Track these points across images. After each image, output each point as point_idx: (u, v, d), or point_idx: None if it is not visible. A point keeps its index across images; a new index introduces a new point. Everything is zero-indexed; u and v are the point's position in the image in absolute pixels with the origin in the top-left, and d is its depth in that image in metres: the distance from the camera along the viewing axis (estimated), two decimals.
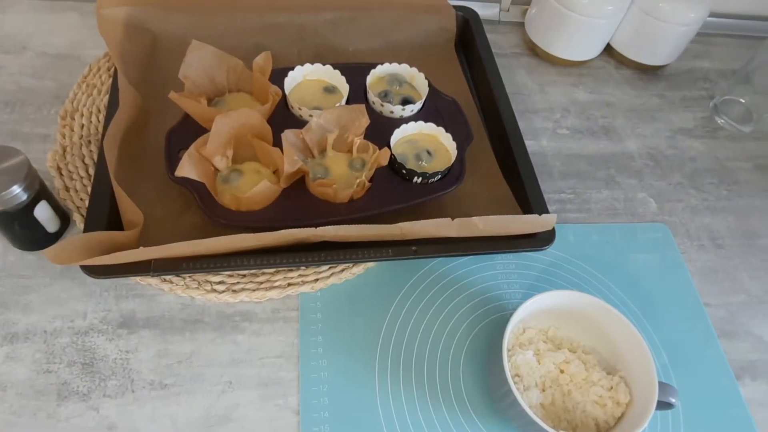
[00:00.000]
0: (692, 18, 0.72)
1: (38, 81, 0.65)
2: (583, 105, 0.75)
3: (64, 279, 0.51)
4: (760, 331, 0.57)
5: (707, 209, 0.66)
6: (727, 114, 0.76)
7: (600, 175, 0.67)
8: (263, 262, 0.50)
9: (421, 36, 0.72)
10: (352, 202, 0.54)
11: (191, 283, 0.51)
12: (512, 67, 0.77)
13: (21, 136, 0.60)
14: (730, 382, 0.53)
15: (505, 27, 0.82)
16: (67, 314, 0.49)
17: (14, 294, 0.50)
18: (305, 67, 0.61)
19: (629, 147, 0.71)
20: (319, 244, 0.50)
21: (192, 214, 0.53)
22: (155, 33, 0.65)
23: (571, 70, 0.78)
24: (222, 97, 0.60)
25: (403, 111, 0.61)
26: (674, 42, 0.75)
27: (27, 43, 0.68)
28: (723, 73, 0.82)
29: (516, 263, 0.57)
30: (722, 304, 0.58)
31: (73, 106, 0.62)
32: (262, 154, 0.55)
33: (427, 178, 0.55)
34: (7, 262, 0.51)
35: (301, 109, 0.58)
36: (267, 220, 0.51)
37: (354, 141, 0.55)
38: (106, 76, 0.65)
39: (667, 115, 0.76)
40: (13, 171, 0.46)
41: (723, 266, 0.61)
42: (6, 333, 0.48)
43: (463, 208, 0.57)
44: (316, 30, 0.69)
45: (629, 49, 0.78)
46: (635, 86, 0.78)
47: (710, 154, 0.72)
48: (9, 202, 0.46)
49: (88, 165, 0.57)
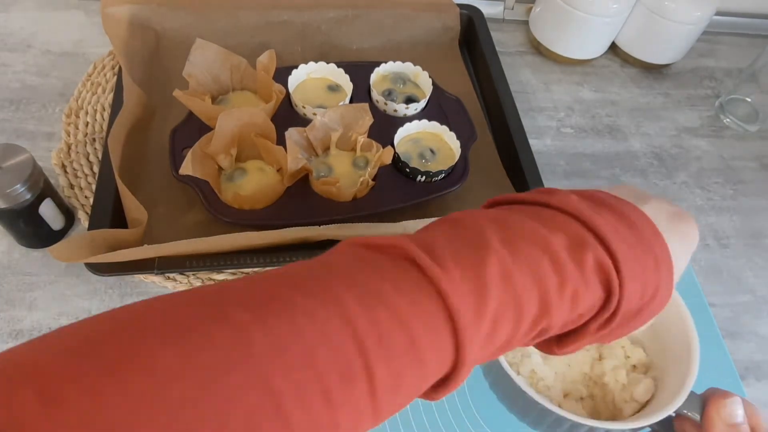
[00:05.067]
0: (698, 16, 0.71)
1: (43, 79, 0.65)
2: (587, 104, 0.74)
3: (69, 276, 0.51)
4: (765, 331, 0.57)
5: (712, 209, 0.66)
6: (733, 113, 0.75)
7: (604, 174, 0.67)
8: (267, 260, 0.50)
9: (425, 34, 0.72)
10: (356, 201, 0.54)
11: (195, 281, 0.51)
12: (516, 65, 0.77)
13: (26, 134, 0.60)
14: (735, 383, 0.52)
15: (510, 25, 0.82)
16: (71, 311, 0.49)
17: (19, 291, 0.50)
18: (309, 65, 0.61)
19: (634, 146, 0.71)
20: (322, 242, 0.50)
21: (196, 212, 0.53)
22: (159, 31, 0.65)
23: (575, 68, 0.78)
24: (226, 95, 0.60)
25: (407, 109, 0.61)
26: (680, 40, 0.75)
27: (31, 41, 0.68)
28: (729, 71, 0.82)
29: None
30: (727, 304, 0.58)
31: (77, 104, 0.62)
32: (265, 152, 0.55)
33: (430, 176, 0.55)
34: (12, 259, 0.52)
35: (305, 107, 0.58)
36: (270, 219, 0.51)
37: (358, 139, 0.55)
38: (110, 74, 0.65)
39: (673, 114, 0.75)
40: (18, 169, 0.46)
41: (728, 266, 0.61)
42: (11, 330, 0.48)
43: (466, 207, 0.56)
44: (320, 28, 0.69)
45: (634, 47, 0.78)
46: (640, 85, 0.78)
47: (716, 154, 0.72)
48: (14, 200, 0.46)
49: (93, 163, 0.57)
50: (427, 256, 0.21)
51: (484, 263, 0.22)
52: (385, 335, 0.20)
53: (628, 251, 0.24)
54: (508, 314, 0.22)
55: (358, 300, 0.20)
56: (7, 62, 0.66)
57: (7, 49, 0.67)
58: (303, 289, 0.20)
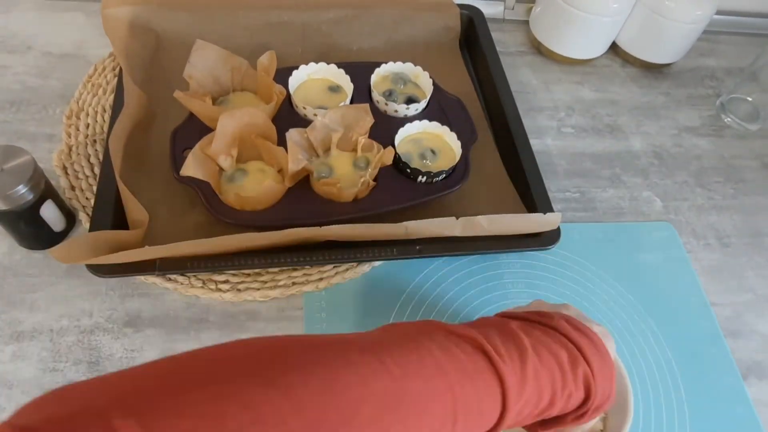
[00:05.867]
0: (698, 15, 0.71)
1: (43, 81, 0.65)
2: (588, 103, 0.74)
3: (70, 278, 0.51)
4: (767, 330, 0.57)
5: (713, 208, 0.66)
6: (733, 112, 0.75)
7: (605, 173, 0.67)
8: (268, 261, 0.50)
9: (426, 34, 0.72)
10: (357, 202, 0.54)
11: (196, 282, 0.51)
12: (517, 65, 0.77)
13: (27, 136, 0.60)
14: (736, 382, 0.52)
15: (510, 25, 0.82)
16: (73, 313, 0.49)
17: (20, 292, 0.50)
18: (309, 66, 0.61)
19: (634, 145, 0.71)
20: (323, 243, 0.50)
21: (197, 214, 0.53)
22: (160, 32, 0.65)
23: (576, 68, 0.78)
24: (226, 96, 0.60)
25: (408, 110, 0.61)
26: (680, 40, 0.75)
27: (32, 43, 0.68)
28: (729, 71, 0.81)
29: (521, 262, 0.57)
30: (728, 303, 0.58)
31: (78, 106, 0.62)
32: (266, 153, 0.55)
33: (431, 177, 0.55)
34: (14, 260, 0.52)
35: (305, 108, 0.58)
36: (271, 220, 0.51)
37: (358, 140, 0.55)
38: (111, 76, 0.65)
39: (673, 113, 0.75)
40: (19, 170, 0.46)
41: (729, 265, 0.61)
42: (12, 331, 0.48)
43: (467, 207, 0.57)
44: (320, 29, 0.69)
45: (634, 47, 0.77)
46: (641, 84, 0.78)
47: (716, 153, 0.72)
48: (15, 202, 0.46)
49: (94, 164, 0.57)
50: (495, 352, 0.32)
51: (525, 363, 0.32)
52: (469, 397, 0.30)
53: (598, 365, 0.35)
54: (533, 400, 0.33)
55: (455, 373, 0.30)
56: (7, 64, 0.66)
57: (7, 51, 0.67)
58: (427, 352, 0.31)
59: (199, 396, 0.24)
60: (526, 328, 0.35)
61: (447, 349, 0.31)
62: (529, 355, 0.33)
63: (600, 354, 0.35)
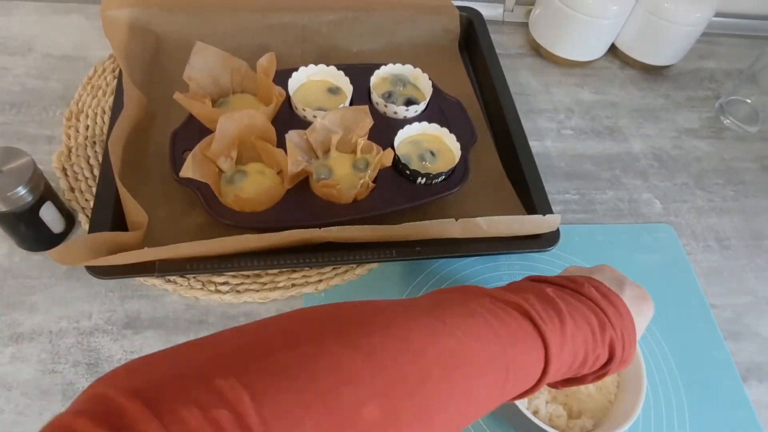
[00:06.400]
0: (697, 18, 0.72)
1: (44, 82, 0.65)
2: (587, 105, 0.74)
3: (70, 279, 0.51)
4: (767, 332, 0.56)
5: (713, 210, 0.66)
6: (733, 114, 0.75)
7: (605, 175, 0.67)
8: (267, 262, 0.50)
9: (425, 37, 0.72)
10: (356, 203, 0.54)
11: (195, 283, 0.51)
12: (516, 67, 0.77)
13: (26, 138, 0.60)
14: (736, 384, 0.52)
15: (509, 27, 0.82)
16: (72, 314, 0.49)
17: (20, 294, 0.50)
18: (309, 68, 0.61)
19: (634, 147, 0.71)
20: (322, 245, 0.50)
21: (196, 215, 0.53)
22: (159, 34, 0.66)
23: (575, 70, 0.78)
24: (226, 98, 0.60)
25: (407, 112, 0.61)
26: (679, 42, 0.75)
27: (32, 45, 0.68)
28: (729, 73, 0.82)
29: (520, 264, 0.57)
30: (728, 305, 0.58)
31: (78, 108, 0.62)
32: (266, 155, 0.55)
33: (430, 178, 0.55)
34: (13, 262, 0.52)
35: (305, 110, 0.58)
36: (271, 221, 0.51)
37: (358, 142, 0.55)
38: (111, 78, 0.65)
39: (673, 115, 0.75)
40: (19, 172, 0.46)
41: (729, 267, 0.61)
42: (12, 333, 0.48)
43: (467, 209, 0.57)
44: (320, 30, 0.70)
45: (634, 49, 0.78)
46: (640, 86, 0.78)
47: (716, 155, 0.72)
48: (15, 203, 0.46)
49: (93, 166, 0.57)
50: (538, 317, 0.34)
51: (564, 326, 0.35)
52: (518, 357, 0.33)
53: (622, 330, 0.37)
54: (569, 360, 0.36)
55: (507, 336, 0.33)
56: (7, 65, 0.66)
57: (7, 53, 0.67)
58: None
59: (290, 356, 0.25)
60: (560, 294, 0.38)
61: (497, 314, 0.34)
62: (567, 319, 0.35)
63: (623, 320, 0.38)
